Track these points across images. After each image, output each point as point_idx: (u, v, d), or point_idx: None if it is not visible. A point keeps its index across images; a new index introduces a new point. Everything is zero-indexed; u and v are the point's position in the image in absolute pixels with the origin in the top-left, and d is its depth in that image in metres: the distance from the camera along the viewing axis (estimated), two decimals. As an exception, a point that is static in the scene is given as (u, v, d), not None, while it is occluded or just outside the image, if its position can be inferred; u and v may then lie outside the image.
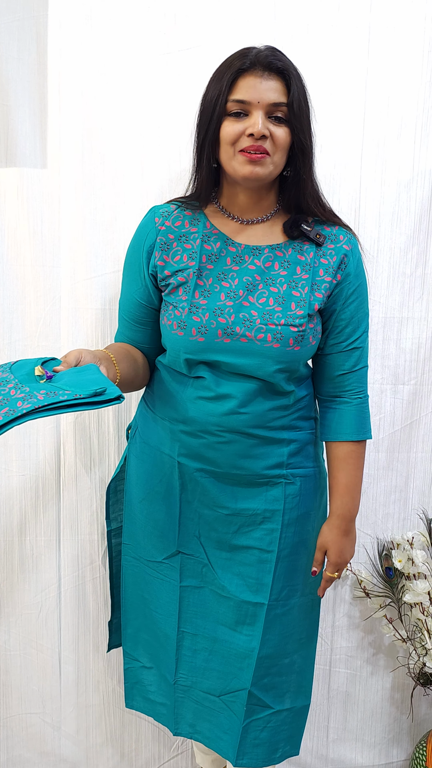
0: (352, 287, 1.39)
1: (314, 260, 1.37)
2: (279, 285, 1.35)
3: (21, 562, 1.84)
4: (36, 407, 1.06)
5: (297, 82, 1.29)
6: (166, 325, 1.38)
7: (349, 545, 1.47)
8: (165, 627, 1.50)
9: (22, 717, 1.92)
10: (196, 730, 1.52)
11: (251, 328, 1.32)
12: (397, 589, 1.83)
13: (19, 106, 1.65)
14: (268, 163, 1.29)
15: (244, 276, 1.35)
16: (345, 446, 1.45)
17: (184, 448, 1.41)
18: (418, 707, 1.97)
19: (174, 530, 1.45)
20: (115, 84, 1.66)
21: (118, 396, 1.12)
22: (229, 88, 1.27)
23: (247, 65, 1.26)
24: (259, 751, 1.46)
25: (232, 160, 1.30)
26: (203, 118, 1.33)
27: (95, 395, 1.10)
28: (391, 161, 1.72)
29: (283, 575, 1.43)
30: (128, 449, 1.55)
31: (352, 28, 1.66)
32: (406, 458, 1.86)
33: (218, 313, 1.33)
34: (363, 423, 1.46)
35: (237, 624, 1.44)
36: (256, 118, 1.26)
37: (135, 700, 1.60)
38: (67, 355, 1.20)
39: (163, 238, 1.38)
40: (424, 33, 1.67)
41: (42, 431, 1.79)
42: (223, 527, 1.43)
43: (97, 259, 1.72)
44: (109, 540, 1.64)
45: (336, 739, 1.97)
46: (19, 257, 1.72)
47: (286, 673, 1.47)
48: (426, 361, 1.81)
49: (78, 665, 1.90)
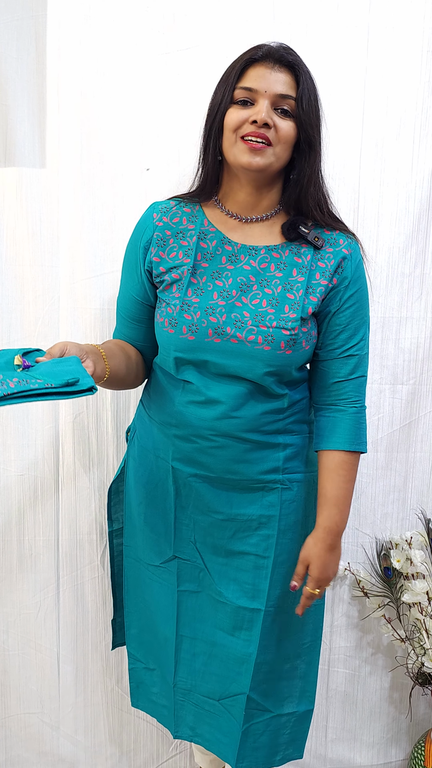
0: (348, 292, 1.35)
1: (311, 263, 1.34)
2: (273, 287, 1.32)
3: (19, 561, 1.84)
4: (5, 394, 1.07)
5: (307, 79, 1.28)
6: (159, 322, 1.37)
7: (333, 561, 1.39)
8: (164, 630, 1.49)
9: (20, 717, 1.92)
10: (196, 733, 1.51)
11: (242, 329, 1.30)
12: (396, 588, 1.83)
13: (18, 105, 1.65)
14: (269, 153, 1.27)
15: (239, 276, 1.33)
16: (336, 456, 1.38)
17: (178, 453, 1.39)
18: (417, 707, 1.97)
19: (170, 535, 1.45)
20: (114, 84, 1.66)
21: (90, 387, 1.13)
22: (239, 77, 1.27)
23: (259, 56, 1.27)
24: (259, 754, 1.45)
25: (233, 147, 1.28)
26: (212, 108, 1.33)
27: (67, 385, 1.11)
28: (390, 161, 1.72)
29: (280, 581, 1.42)
30: (128, 452, 1.55)
31: (351, 28, 1.66)
32: (405, 458, 1.86)
33: (209, 312, 1.31)
34: (357, 434, 1.39)
35: (234, 629, 1.43)
36: (261, 106, 1.25)
37: (140, 700, 1.59)
38: (52, 347, 1.20)
39: (160, 233, 1.37)
40: (423, 33, 1.67)
41: (41, 431, 1.79)
42: (219, 532, 1.41)
43: (95, 259, 1.72)
44: (110, 540, 1.63)
45: (334, 739, 1.97)
46: (18, 257, 1.72)
47: (288, 678, 1.47)
48: (425, 361, 1.81)
49: (77, 665, 1.90)
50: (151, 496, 1.46)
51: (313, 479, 1.45)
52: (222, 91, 1.29)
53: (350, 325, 1.36)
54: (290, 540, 1.42)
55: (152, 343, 1.46)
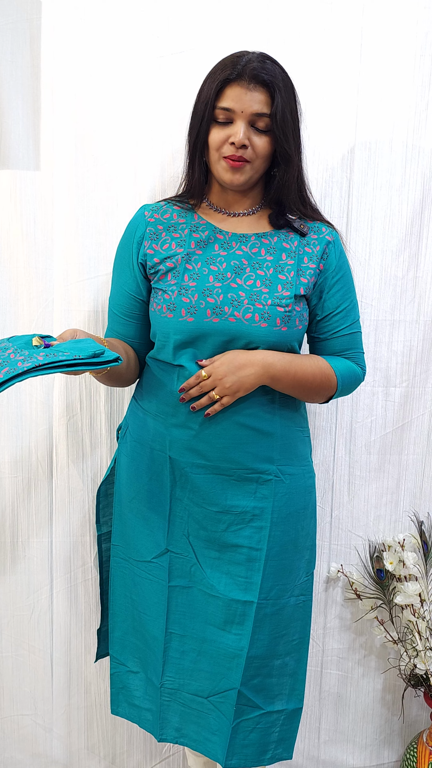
0: (335, 277, 1.45)
1: (299, 248, 1.43)
2: (266, 269, 1.40)
3: (13, 563, 1.84)
4: (36, 365, 1.11)
5: (283, 93, 1.34)
6: (156, 310, 1.41)
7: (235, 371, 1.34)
8: (153, 629, 1.50)
9: (13, 718, 1.92)
10: (182, 734, 1.52)
11: (239, 308, 1.36)
12: (389, 591, 1.84)
13: (13, 108, 1.65)
14: (247, 170, 1.37)
15: (232, 260, 1.40)
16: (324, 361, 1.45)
17: (175, 442, 1.42)
18: (409, 708, 1.98)
19: (164, 528, 1.46)
20: (108, 87, 1.66)
21: (116, 358, 1.19)
22: (217, 96, 1.35)
23: (234, 76, 1.33)
24: (249, 752, 1.46)
25: (217, 165, 1.39)
26: (194, 120, 1.40)
27: (94, 356, 1.16)
28: (383, 164, 1.72)
29: (272, 574, 1.43)
30: (118, 450, 1.56)
31: (344, 32, 1.67)
32: (398, 460, 1.87)
33: (207, 294, 1.37)
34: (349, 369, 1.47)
35: (226, 623, 1.44)
36: (238, 127, 1.34)
37: (120, 706, 1.59)
38: (63, 333, 1.28)
39: (152, 228, 1.45)
40: (416, 37, 1.68)
41: (34, 432, 1.79)
42: (212, 525, 1.43)
43: (90, 262, 1.72)
44: (99, 545, 1.64)
45: (327, 741, 1.98)
46: (12, 259, 1.72)
47: (278, 675, 1.48)
48: (417, 364, 1.82)
49: (70, 667, 1.90)
50: (146, 490, 1.48)
51: (305, 474, 1.49)
52: (203, 108, 1.37)
53: (340, 307, 1.46)
54: (283, 533, 1.44)
55: (145, 340, 1.51)
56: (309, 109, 1.66)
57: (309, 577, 1.52)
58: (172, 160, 1.67)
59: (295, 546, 1.47)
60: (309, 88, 1.65)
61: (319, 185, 1.71)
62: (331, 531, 1.88)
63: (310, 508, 1.52)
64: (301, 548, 1.48)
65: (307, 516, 1.50)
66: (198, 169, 1.43)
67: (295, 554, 1.47)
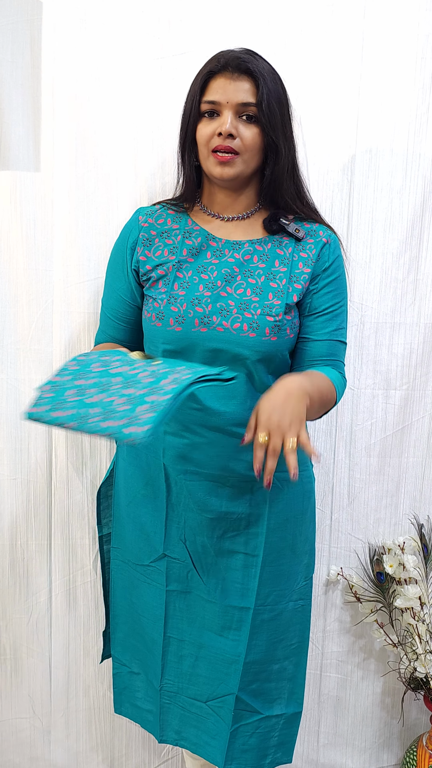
0: (327, 279, 1.40)
1: (293, 254, 1.40)
2: (257, 277, 1.37)
3: (12, 566, 1.83)
4: (198, 378, 1.08)
5: (269, 82, 1.32)
6: (146, 318, 1.40)
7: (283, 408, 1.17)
8: (151, 632, 1.49)
9: (12, 722, 1.91)
10: (182, 736, 1.51)
11: (227, 318, 1.34)
12: (388, 593, 1.84)
13: (13, 109, 1.65)
14: (237, 163, 1.34)
15: (223, 268, 1.38)
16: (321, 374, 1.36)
17: (169, 449, 1.41)
18: (409, 712, 1.97)
19: (160, 534, 1.45)
20: (108, 88, 1.66)
21: (235, 376, 1.17)
22: (202, 90, 1.34)
23: (218, 68, 1.32)
24: (248, 757, 1.45)
25: (206, 161, 1.37)
26: (183, 120, 1.40)
27: (219, 374, 1.13)
28: (384, 167, 1.72)
29: (269, 580, 1.42)
30: (117, 453, 1.56)
31: (345, 34, 1.67)
32: (398, 463, 1.86)
33: (195, 303, 1.35)
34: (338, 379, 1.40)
35: (223, 629, 1.43)
36: (225, 117, 1.32)
37: (123, 705, 1.59)
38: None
39: (146, 234, 1.43)
40: (417, 39, 1.68)
41: (34, 435, 1.78)
42: (208, 532, 1.42)
43: (89, 263, 1.72)
44: (101, 546, 1.64)
45: (326, 744, 1.97)
46: (12, 260, 1.71)
47: (276, 679, 1.47)
48: (418, 367, 1.82)
49: (68, 670, 1.89)
50: (141, 495, 1.47)
51: (304, 478, 1.47)
52: (190, 104, 1.36)
53: (329, 309, 1.41)
54: (280, 538, 1.43)
55: (138, 345, 1.50)
56: (310, 111, 1.66)
57: (308, 581, 1.51)
58: (172, 162, 1.67)
59: (293, 551, 1.46)
60: (310, 90, 1.65)
61: (320, 188, 1.70)
62: (331, 534, 1.88)
63: (309, 513, 1.51)
64: (299, 553, 1.48)
65: (305, 521, 1.49)
66: (189, 168, 1.41)
67: (293, 559, 1.46)
